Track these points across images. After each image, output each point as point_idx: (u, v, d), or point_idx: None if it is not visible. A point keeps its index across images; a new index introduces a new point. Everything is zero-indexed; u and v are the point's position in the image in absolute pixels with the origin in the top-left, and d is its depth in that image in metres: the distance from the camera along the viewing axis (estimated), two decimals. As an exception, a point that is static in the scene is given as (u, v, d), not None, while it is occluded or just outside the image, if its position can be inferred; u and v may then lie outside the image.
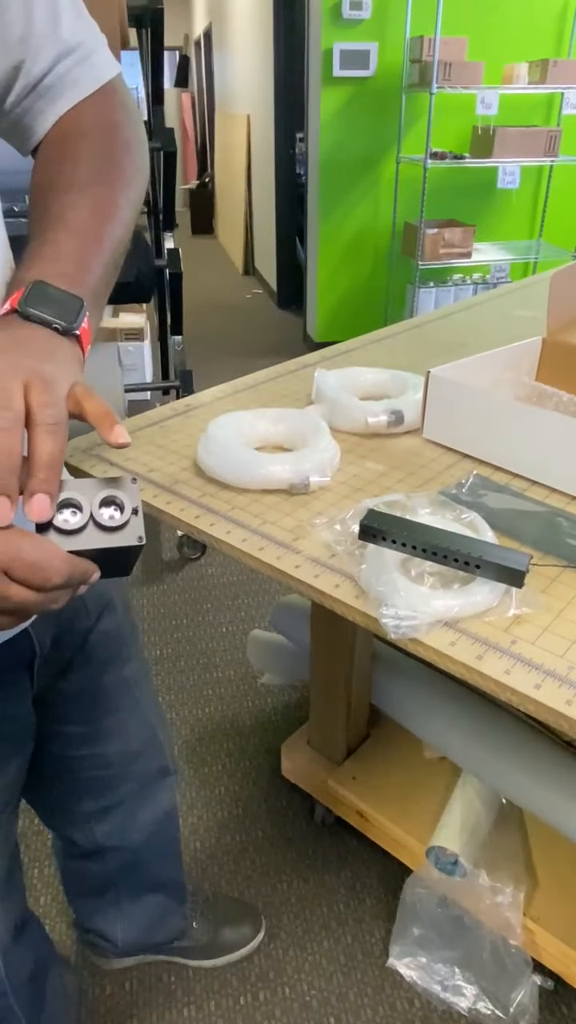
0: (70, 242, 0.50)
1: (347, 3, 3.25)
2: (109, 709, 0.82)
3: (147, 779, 0.94)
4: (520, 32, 3.46)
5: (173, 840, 1.07)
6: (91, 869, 1.01)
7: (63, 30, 0.55)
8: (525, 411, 0.81)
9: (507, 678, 0.54)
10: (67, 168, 0.54)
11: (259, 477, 0.81)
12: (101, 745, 0.84)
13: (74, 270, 0.49)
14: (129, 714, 0.86)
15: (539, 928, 1.06)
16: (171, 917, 1.14)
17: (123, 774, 0.90)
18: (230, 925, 1.22)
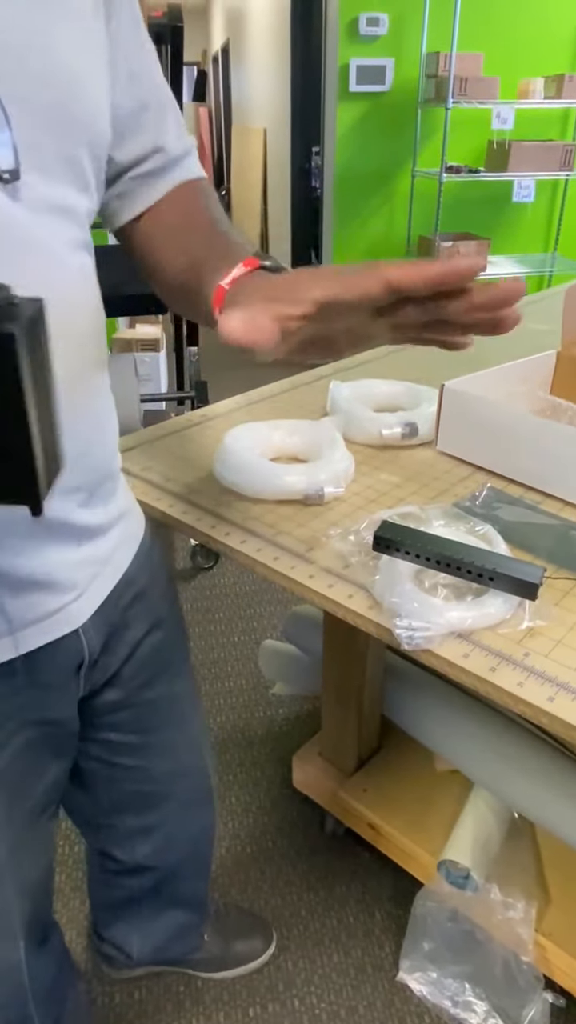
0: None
1: (364, 19, 3.29)
2: (157, 723, 0.81)
3: (191, 800, 0.93)
4: (536, 47, 3.48)
5: (207, 859, 1.07)
6: (126, 884, 1.00)
7: (183, 139, 0.67)
8: (540, 424, 0.82)
9: (520, 690, 0.55)
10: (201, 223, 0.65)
11: (274, 487, 0.82)
12: (147, 759, 0.82)
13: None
14: (176, 731, 0.85)
15: (551, 944, 1.05)
16: (190, 934, 1.13)
17: (168, 792, 0.88)
18: (242, 938, 1.21)
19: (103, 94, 0.53)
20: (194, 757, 0.91)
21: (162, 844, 0.94)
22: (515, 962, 1.07)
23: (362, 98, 3.48)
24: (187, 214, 0.66)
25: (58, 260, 0.50)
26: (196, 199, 0.67)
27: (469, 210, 3.76)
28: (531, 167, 3.39)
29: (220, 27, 8.32)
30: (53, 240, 0.50)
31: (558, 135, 3.71)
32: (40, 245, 0.49)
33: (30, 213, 0.47)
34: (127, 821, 0.90)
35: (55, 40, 0.47)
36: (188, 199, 0.67)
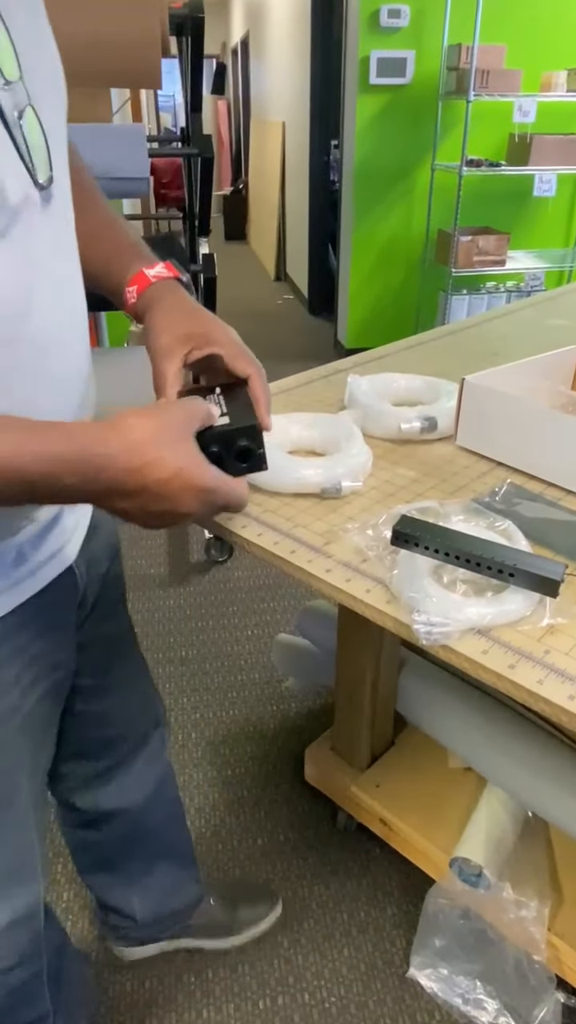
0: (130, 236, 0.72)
1: (385, 11, 3.26)
2: (109, 662, 0.85)
3: (144, 734, 0.96)
4: (559, 39, 3.44)
5: (175, 801, 1.09)
6: (96, 839, 1.02)
7: None
8: (562, 420, 0.81)
9: (540, 688, 0.54)
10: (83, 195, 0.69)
11: (291, 481, 0.81)
12: (104, 701, 0.86)
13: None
14: (127, 666, 0.90)
15: (564, 944, 1.04)
16: (185, 884, 1.15)
17: (122, 733, 0.91)
18: (247, 904, 1.23)
19: None
20: (143, 689, 0.95)
21: (121, 784, 0.95)
22: (527, 961, 1.06)
23: (382, 91, 3.45)
24: None
25: (69, 247, 0.57)
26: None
27: (489, 204, 3.72)
28: (553, 161, 3.35)
29: (240, 20, 8.29)
30: (70, 229, 0.57)
31: (580, 129, 3.66)
32: (66, 240, 0.56)
33: (60, 211, 0.54)
34: (85, 768, 0.92)
35: (50, 45, 0.53)
36: None
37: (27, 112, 0.49)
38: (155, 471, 0.50)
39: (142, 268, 0.67)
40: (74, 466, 0.48)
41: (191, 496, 0.53)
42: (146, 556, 2.29)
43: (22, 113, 0.48)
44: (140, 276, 0.67)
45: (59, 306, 0.55)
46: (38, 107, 0.50)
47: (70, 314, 0.58)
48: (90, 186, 0.72)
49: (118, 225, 0.73)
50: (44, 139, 0.51)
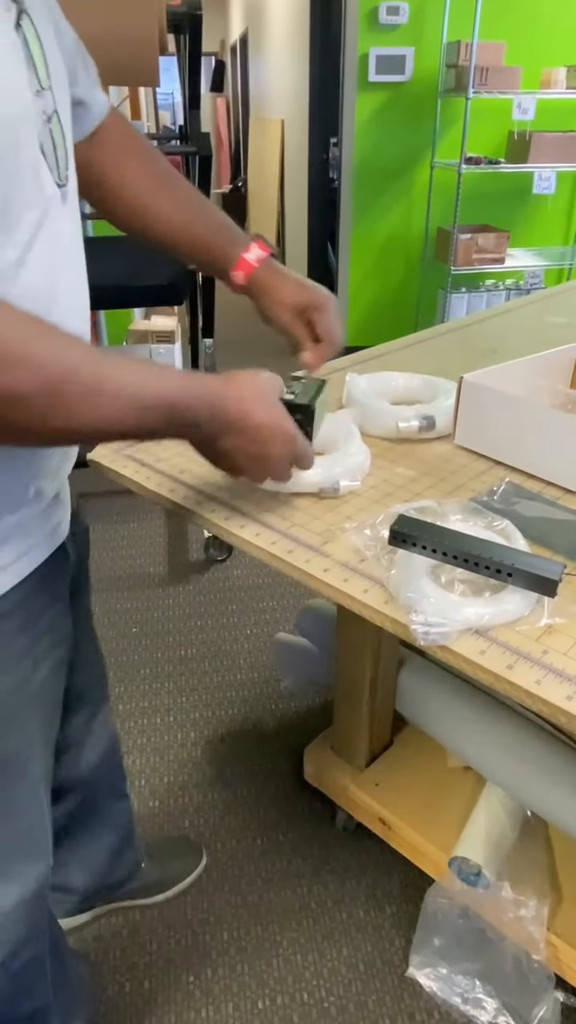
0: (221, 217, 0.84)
1: (384, 8, 3.25)
2: (81, 636, 0.86)
3: (92, 710, 0.98)
4: (559, 36, 3.43)
5: (120, 772, 1.12)
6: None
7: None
8: (560, 419, 0.80)
9: (538, 688, 0.54)
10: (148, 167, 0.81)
11: (289, 480, 0.81)
12: (71, 675, 0.85)
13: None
14: (88, 643, 0.92)
15: (563, 943, 1.04)
16: (125, 854, 1.18)
17: (75, 707, 0.92)
18: (175, 858, 1.31)
19: None
20: (97, 663, 0.98)
21: (74, 758, 0.97)
22: (526, 960, 1.06)
23: (381, 88, 3.44)
24: (124, 142, 0.80)
25: (78, 240, 0.61)
26: (123, 127, 0.80)
27: (488, 202, 3.71)
28: (552, 159, 3.34)
29: (239, 17, 8.27)
30: (75, 225, 0.61)
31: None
32: (76, 234, 0.60)
33: (72, 207, 0.59)
34: None
35: (56, 50, 0.57)
36: (117, 128, 0.79)
37: (53, 117, 0.54)
38: (257, 416, 0.63)
39: (242, 254, 0.82)
40: (206, 400, 0.60)
41: (280, 441, 0.65)
42: (145, 555, 2.29)
43: (50, 118, 0.54)
44: (242, 262, 0.82)
45: (73, 298, 0.61)
46: (60, 112, 0.56)
47: (82, 306, 0.63)
48: (171, 167, 0.82)
49: (209, 206, 0.84)
50: (64, 142, 0.56)
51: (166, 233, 0.82)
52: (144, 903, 1.26)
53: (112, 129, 0.78)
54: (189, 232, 0.82)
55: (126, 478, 0.86)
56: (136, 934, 1.24)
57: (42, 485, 0.63)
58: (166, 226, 0.82)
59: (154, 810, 1.45)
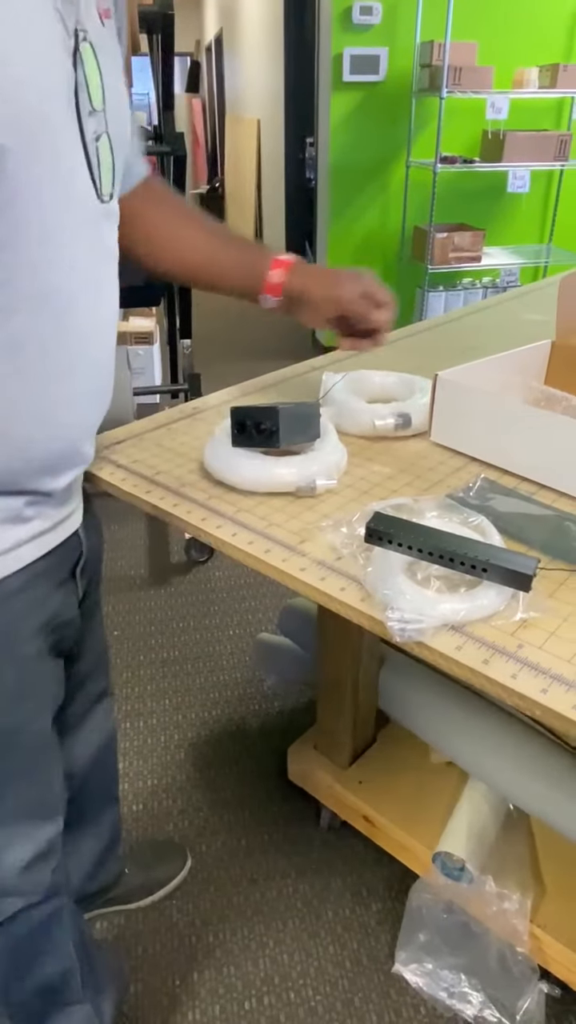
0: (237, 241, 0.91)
1: (357, 8, 3.26)
2: (87, 630, 0.87)
3: (92, 699, 0.98)
4: (530, 37, 3.46)
5: (114, 773, 1.11)
6: None
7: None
8: (534, 414, 0.81)
9: (514, 682, 0.54)
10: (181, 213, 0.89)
11: (266, 480, 0.81)
12: (74, 664, 0.88)
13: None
14: (95, 633, 0.94)
15: (546, 935, 1.05)
16: (110, 862, 1.18)
17: (72, 695, 0.92)
18: (159, 864, 1.30)
19: None
20: (102, 653, 0.99)
21: (68, 748, 0.96)
22: (510, 953, 1.07)
23: (356, 88, 3.45)
24: (159, 193, 0.87)
25: (114, 254, 0.68)
26: (160, 185, 0.87)
27: (464, 201, 3.74)
28: (526, 157, 3.37)
29: (213, 17, 8.26)
30: (114, 241, 0.67)
31: (553, 125, 3.69)
32: (112, 246, 0.66)
33: (112, 224, 0.66)
34: None
35: (122, 86, 0.63)
36: (154, 186, 0.86)
37: (103, 138, 0.59)
38: None
39: (275, 256, 0.87)
40: None
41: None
42: (126, 558, 2.28)
43: (99, 137, 0.59)
44: (279, 261, 0.87)
45: (103, 305, 0.66)
46: (112, 136, 0.61)
47: (111, 312, 0.68)
48: (200, 217, 0.89)
49: (234, 239, 0.91)
50: (112, 163, 0.62)
51: (196, 262, 0.88)
52: (129, 908, 1.26)
53: (149, 187, 0.85)
54: (218, 257, 0.88)
55: (103, 480, 0.85)
56: (121, 939, 1.23)
57: (60, 473, 0.67)
58: (194, 254, 0.88)
59: (138, 813, 1.44)
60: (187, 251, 0.87)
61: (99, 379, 0.68)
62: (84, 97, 0.56)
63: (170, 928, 1.25)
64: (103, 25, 0.59)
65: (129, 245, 0.84)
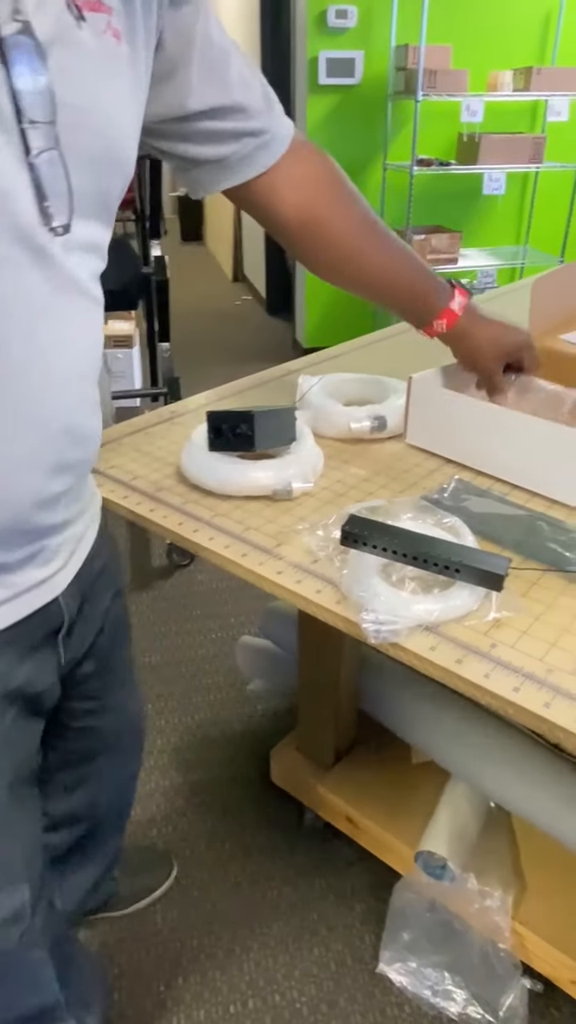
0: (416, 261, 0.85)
1: (332, 12, 3.27)
2: (114, 686, 0.86)
3: (127, 748, 0.97)
4: (504, 40, 3.49)
5: (128, 808, 1.10)
6: (52, 840, 1.01)
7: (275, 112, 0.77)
8: (506, 415, 0.82)
9: (487, 682, 0.55)
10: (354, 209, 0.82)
11: (242, 483, 0.81)
12: (100, 719, 0.87)
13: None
14: (127, 692, 0.91)
15: (528, 931, 1.06)
16: (106, 884, 1.17)
17: (108, 746, 0.92)
18: (145, 871, 1.29)
19: (135, 140, 0.59)
20: (137, 709, 0.97)
21: (92, 794, 0.96)
22: (493, 950, 1.08)
23: (332, 91, 3.46)
24: (332, 181, 0.80)
25: (86, 290, 0.56)
26: (328, 164, 0.80)
27: (441, 203, 3.76)
28: (501, 160, 3.40)
29: (190, 19, 8.23)
30: (85, 275, 0.56)
31: (527, 127, 3.72)
32: (76, 282, 0.55)
33: (73, 257, 0.53)
34: (65, 776, 0.92)
35: (108, 97, 0.53)
36: (320, 165, 0.79)
37: (47, 155, 0.49)
38: None
39: (448, 304, 0.84)
40: None
41: None
42: (107, 562, 2.26)
43: (41, 153, 0.48)
44: (448, 312, 0.84)
45: (57, 357, 0.54)
46: (68, 154, 0.50)
47: (71, 365, 0.56)
48: (382, 223, 0.84)
49: (412, 252, 0.85)
50: (68, 187, 0.51)
51: (373, 281, 0.83)
52: (113, 915, 1.25)
53: (307, 162, 0.78)
54: (398, 280, 0.84)
55: None
56: (105, 945, 1.23)
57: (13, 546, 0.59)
58: (374, 273, 0.83)
59: (121, 820, 1.44)
60: (363, 276, 0.83)
61: (52, 444, 0.56)
62: (20, 105, 0.47)
63: (155, 934, 1.24)
64: (79, 17, 0.49)
65: (306, 250, 0.81)
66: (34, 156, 0.48)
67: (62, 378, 0.55)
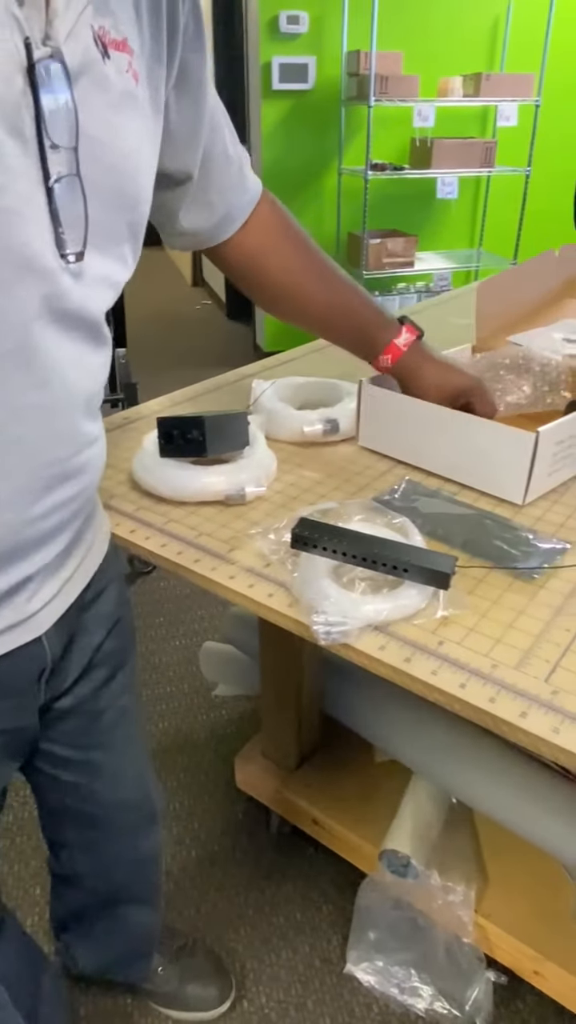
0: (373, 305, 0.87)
1: (284, 17, 3.29)
2: (103, 741, 0.79)
3: (135, 828, 0.91)
4: (453, 46, 3.55)
5: (154, 887, 1.03)
6: (66, 894, 1.01)
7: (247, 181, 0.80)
8: (452, 417, 0.83)
9: (434, 679, 0.56)
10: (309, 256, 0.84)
11: (194, 489, 0.81)
12: (92, 778, 0.81)
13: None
14: (123, 756, 0.83)
15: (490, 924, 1.08)
16: (137, 963, 1.10)
17: (111, 818, 0.87)
18: (198, 982, 1.14)
19: (151, 179, 0.60)
20: (140, 785, 0.89)
21: (101, 864, 0.93)
22: (457, 944, 1.09)
23: (286, 96, 3.48)
24: (279, 228, 0.83)
25: (99, 327, 0.56)
26: (278, 214, 0.84)
27: (396, 207, 3.80)
28: (453, 164, 3.45)
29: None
30: (98, 311, 0.55)
31: (478, 132, 3.79)
32: (90, 318, 0.54)
33: (87, 290, 0.52)
34: (67, 833, 0.90)
35: (125, 133, 0.53)
36: (270, 215, 0.83)
37: (67, 181, 0.48)
38: None
39: (393, 340, 0.84)
40: None
41: None
42: (68, 571, 2.24)
43: (60, 179, 0.48)
44: (392, 347, 0.85)
45: (48, 385, 0.52)
46: (88, 182, 0.49)
47: (63, 396, 0.53)
48: (330, 262, 0.85)
49: (359, 289, 0.86)
50: (84, 215, 0.50)
51: (316, 315, 0.85)
52: (149, 1003, 1.15)
53: (266, 214, 0.81)
54: (342, 317, 0.85)
55: None
56: (70, 961, 1.21)
57: None
58: (317, 308, 0.84)
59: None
60: (306, 310, 0.85)
61: (38, 481, 0.54)
62: (44, 128, 0.46)
63: (120, 946, 1.23)
64: (104, 54, 0.50)
65: (251, 287, 0.85)
66: (53, 181, 0.47)
67: (55, 411, 0.53)
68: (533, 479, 0.78)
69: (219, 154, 0.73)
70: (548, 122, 3.64)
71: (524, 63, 3.57)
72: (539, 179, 3.74)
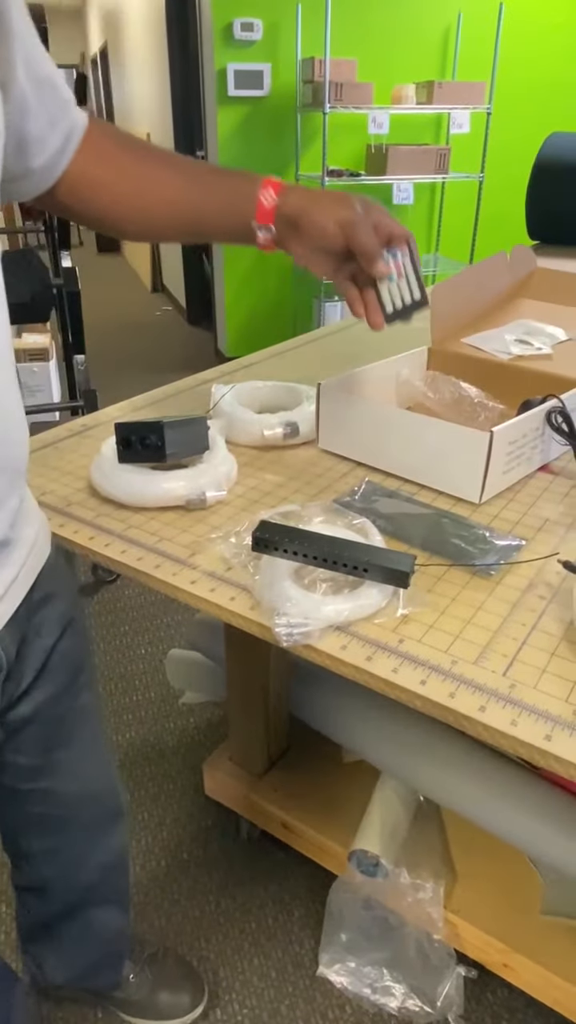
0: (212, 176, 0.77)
1: (238, 24, 3.30)
2: (64, 741, 0.78)
3: (99, 823, 0.90)
4: (406, 54, 3.61)
5: (122, 890, 1.02)
6: (33, 904, 0.98)
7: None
8: (408, 418, 0.84)
9: (395, 676, 0.56)
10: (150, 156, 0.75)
11: (154, 495, 0.80)
12: (53, 780, 0.80)
13: None
14: (85, 751, 0.82)
15: (460, 920, 1.09)
16: (107, 970, 1.09)
17: (74, 817, 0.85)
18: (168, 989, 1.13)
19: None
20: (103, 775, 0.88)
21: (67, 868, 0.91)
22: (427, 941, 1.10)
23: (242, 102, 3.49)
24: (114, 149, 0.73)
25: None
26: (109, 135, 0.74)
27: (354, 212, 3.84)
28: (408, 170, 3.50)
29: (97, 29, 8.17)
30: None
31: (432, 139, 3.85)
32: None
33: None
34: (31, 843, 0.88)
35: None
36: (102, 137, 0.72)
37: None
38: None
39: (265, 177, 0.74)
40: None
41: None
42: (30, 582, 2.20)
43: None
44: (270, 181, 0.74)
45: None
46: None
47: None
48: (175, 154, 0.77)
49: (212, 165, 0.80)
50: None
51: (179, 198, 0.74)
52: (120, 1014, 1.13)
53: (93, 142, 0.71)
54: (203, 188, 0.74)
55: None
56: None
57: None
58: (176, 191, 0.73)
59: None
60: (159, 198, 0.73)
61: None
62: None
63: (90, 960, 1.21)
64: None
65: (95, 217, 0.74)
66: None
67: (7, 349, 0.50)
68: (489, 478, 0.79)
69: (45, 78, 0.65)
70: (499, 129, 3.72)
71: (475, 71, 3.64)
72: (492, 184, 3.82)
